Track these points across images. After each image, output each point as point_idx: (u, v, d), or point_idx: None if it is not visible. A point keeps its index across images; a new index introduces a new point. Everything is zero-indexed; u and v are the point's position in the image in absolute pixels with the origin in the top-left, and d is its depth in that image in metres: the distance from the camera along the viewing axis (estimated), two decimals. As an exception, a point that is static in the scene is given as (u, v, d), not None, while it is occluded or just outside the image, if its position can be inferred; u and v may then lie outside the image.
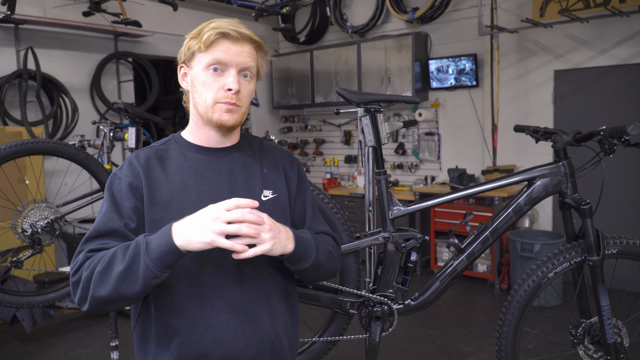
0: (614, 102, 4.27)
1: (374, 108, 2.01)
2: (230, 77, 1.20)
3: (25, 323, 3.33)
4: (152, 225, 1.20)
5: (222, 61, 1.20)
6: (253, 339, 1.23)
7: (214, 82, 1.21)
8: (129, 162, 1.25)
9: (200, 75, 1.22)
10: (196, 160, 1.27)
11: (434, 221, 4.77)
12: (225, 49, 1.20)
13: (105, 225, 1.18)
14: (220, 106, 1.21)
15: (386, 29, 5.58)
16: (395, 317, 2.04)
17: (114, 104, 2.98)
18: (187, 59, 1.25)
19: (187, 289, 1.20)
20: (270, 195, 1.32)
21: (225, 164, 1.29)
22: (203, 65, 1.21)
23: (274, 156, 1.39)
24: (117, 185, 1.22)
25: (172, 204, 1.21)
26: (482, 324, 3.73)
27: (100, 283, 1.10)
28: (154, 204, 1.21)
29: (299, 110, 6.38)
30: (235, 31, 1.20)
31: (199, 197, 1.22)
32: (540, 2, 4.14)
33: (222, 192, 1.25)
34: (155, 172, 1.23)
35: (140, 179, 1.21)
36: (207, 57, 1.20)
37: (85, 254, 1.17)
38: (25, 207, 2.57)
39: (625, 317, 2.03)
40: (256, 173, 1.32)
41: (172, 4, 4.27)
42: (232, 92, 1.20)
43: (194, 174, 1.25)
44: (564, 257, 1.93)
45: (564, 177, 1.93)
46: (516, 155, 4.75)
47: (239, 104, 1.22)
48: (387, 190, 2.05)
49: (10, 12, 3.75)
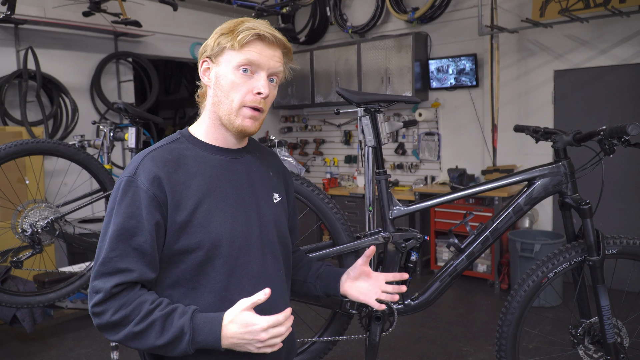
0: (614, 102, 4.27)
1: (374, 108, 2.01)
2: (260, 80, 1.18)
3: (25, 323, 3.33)
4: (179, 232, 1.14)
5: (255, 63, 1.17)
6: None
7: (243, 84, 1.18)
8: (145, 167, 1.14)
9: (229, 74, 1.18)
10: (215, 161, 1.23)
11: (434, 221, 4.77)
12: (259, 50, 1.17)
13: (125, 243, 1.10)
14: (245, 111, 1.18)
15: (386, 29, 5.57)
16: (395, 317, 2.04)
17: (114, 104, 2.98)
18: (215, 54, 1.19)
19: (218, 292, 1.19)
20: (278, 198, 1.34)
21: (242, 165, 1.27)
22: (233, 65, 1.17)
23: (273, 160, 1.41)
24: (134, 195, 1.12)
25: (198, 209, 1.16)
26: (482, 324, 3.73)
27: (134, 340, 1.10)
28: (180, 209, 1.14)
29: (299, 110, 6.38)
30: (271, 34, 1.18)
31: (224, 200, 1.20)
32: (540, 2, 4.14)
33: (245, 194, 1.25)
34: (176, 175, 1.16)
35: (162, 187, 1.13)
36: (239, 56, 1.16)
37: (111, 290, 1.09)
38: (25, 207, 2.57)
39: (625, 317, 2.02)
40: (266, 175, 1.33)
41: (172, 4, 4.28)
42: (262, 96, 1.18)
43: (216, 175, 1.22)
44: (564, 257, 1.93)
45: (564, 177, 1.93)
46: (516, 155, 4.75)
47: (263, 109, 1.21)
48: (387, 190, 2.05)
49: (10, 12, 3.75)
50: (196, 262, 1.16)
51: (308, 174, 6.38)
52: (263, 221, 1.26)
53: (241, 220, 1.22)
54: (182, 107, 8.21)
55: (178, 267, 1.17)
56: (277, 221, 1.31)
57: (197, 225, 1.15)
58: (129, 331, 1.09)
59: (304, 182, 2.12)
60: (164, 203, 1.13)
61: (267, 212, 1.28)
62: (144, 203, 1.12)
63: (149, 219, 1.11)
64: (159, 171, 1.14)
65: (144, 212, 1.11)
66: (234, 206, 1.21)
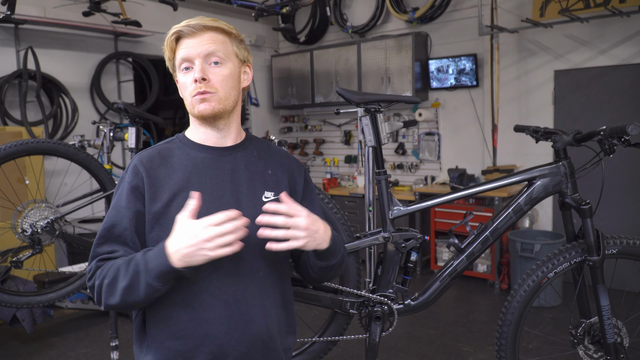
0: (614, 102, 4.27)
1: (374, 108, 2.01)
2: (196, 69, 1.23)
3: (25, 323, 3.33)
4: (153, 223, 1.22)
5: (186, 57, 1.24)
6: (244, 337, 1.24)
7: (187, 80, 1.25)
8: (133, 164, 1.28)
9: (179, 78, 1.28)
10: (199, 158, 1.29)
11: (434, 221, 4.77)
12: (185, 45, 1.24)
13: (108, 232, 1.23)
14: (194, 99, 1.25)
15: (386, 29, 5.58)
16: (395, 317, 2.04)
17: (114, 104, 2.98)
18: (171, 69, 1.31)
19: (184, 285, 1.21)
20: (272, 197, 1.31)
21: (228, 163, 1.30)
22: (177, 69, 1.28)
23: (280, 159, 1.40)
24: (121, 189, 1.26)
25: (173, 201, 1.22)
26: (482, 324, 3.73)
27: (109, 295, 1.16)
28: (156, 201, 1.23)
29: (299, 110, 6.38)
30: (187, 26, 1.24)
31: (200, 194, 1.22)
32: (540, 2, 4.14)
33: (225, 190, 1.26)
34: (158, 170, 1.26)
35: (142, 178, 1.24)
36: (176, 60, 1.27)
37: (96, 263, 1.22)
38: (25, 207, 2.57)
39: (625, 317, 2.03)
40: (259, 174, 1.33)
41: (172, 4, 4.28)
42: (197, 79, 1.23)
43: (197, 172, 1.27)
44: (564, 257, 1.93)
45: (564, 177, 1.93)
46: (516, 155, 4.75)
47: (211, 91, 1.24)
48: (387, 190, 2.05)
49: (10, 12, 3.75)
50: None
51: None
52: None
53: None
54: (182, 107, 8.17)
55: None
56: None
57: (169, 217, 1.19)
58: (106, 287, 1.16)
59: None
60: (143, 194, 1.23)
61: (249, 210, 1.24)
62: (125, 194, 1.24)
63: (129, 206, 1.23)
64: (142, 166, 1.26)
65: (124, 202, 1.23)
66: (210, 202, 1.22)
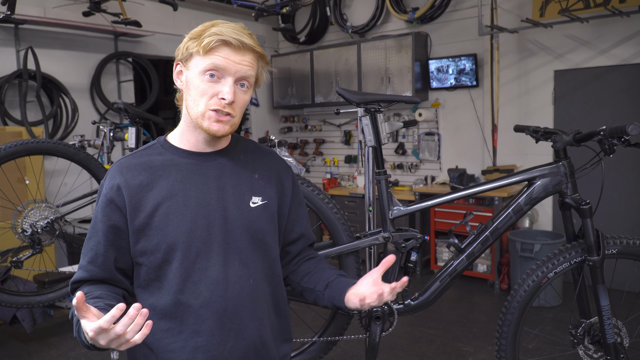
0: (614, 102, 4.27)
1: (374, 108, 2.01)
2: (226, 86, 1.16)
3: (25, 323, 3.33)
4: (138, 235, 1.19)
5: (221, 68, 1.15)
6: (237, 347, 1.22)
7: (209, 89, 1.16)
8: (111, 173, 1.23)
9: (196, 79, 1.17)
10: (184, 165, 1.23)
11: (434, 221, 4.76)
12: (224, 55, 1.15)
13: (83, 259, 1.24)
14: (210, 114, 1.16)
15: (386, 29, 5.57)
16: (395, 317, 2.04)
17: (114, 104, 2.98)
18: (184, 58, 1.19)
19: (174, 295, 1.19)
20: (260, 202, 1.28)
21: (214, 169, 1.25)
22: (199, 70, 1.16)
23: (268, 162, 1.35)
24: (99, 202, 1.23)
25: (157, 211, 1.18)
26: (482, 324, 3.73)
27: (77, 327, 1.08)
28: (138, 212, 1.18)
29: (299, 110, 6.38)
30: (237, 40, 1.15)
31: (185, 203, 1.20)
32: (540, 2, 4.14)
33: (211, 198, 1.22)
34: (139, 179, 1.20)
35: (120, 190, 1.19)
36: (204, 61, 1.15)
37: (70, 287, 1.24)
38: (25, 207, 2.57)
39: (625, 317, 2.02)
40: (246, 179, 1.28)
41: (172, 4, 4.27)
42: (226, 101, 1.16)
43: (182, 179, 1.22)
44: (564, 257, 1.93)
45: (564, 177, 1.93)
46: (516, 155, 4.75)
47: (232, 114, 1.18)
48: (387, 190, 2.05)
49: (10, 12, 3.75)
50: (155, 263, 1.19)
51: (308, 174, 6.38)
52: (230, 226, 1.22)
53: (202, 224, 1.20)
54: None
55: (142, 269, 1.22)
56: (251, 226, 1.25)
57: (155, 227, 1.18)
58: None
59: (304, 182, 2.12)
60: (123, 207, 1.20)
61: (236, 217, 1.23)
62: (101, 206, 1.22)
63: (104, 220, 1.20)
64: (121, 177, 1.21)
65: (100, 215, 1.21)
66: (196, 210, 1.20)
